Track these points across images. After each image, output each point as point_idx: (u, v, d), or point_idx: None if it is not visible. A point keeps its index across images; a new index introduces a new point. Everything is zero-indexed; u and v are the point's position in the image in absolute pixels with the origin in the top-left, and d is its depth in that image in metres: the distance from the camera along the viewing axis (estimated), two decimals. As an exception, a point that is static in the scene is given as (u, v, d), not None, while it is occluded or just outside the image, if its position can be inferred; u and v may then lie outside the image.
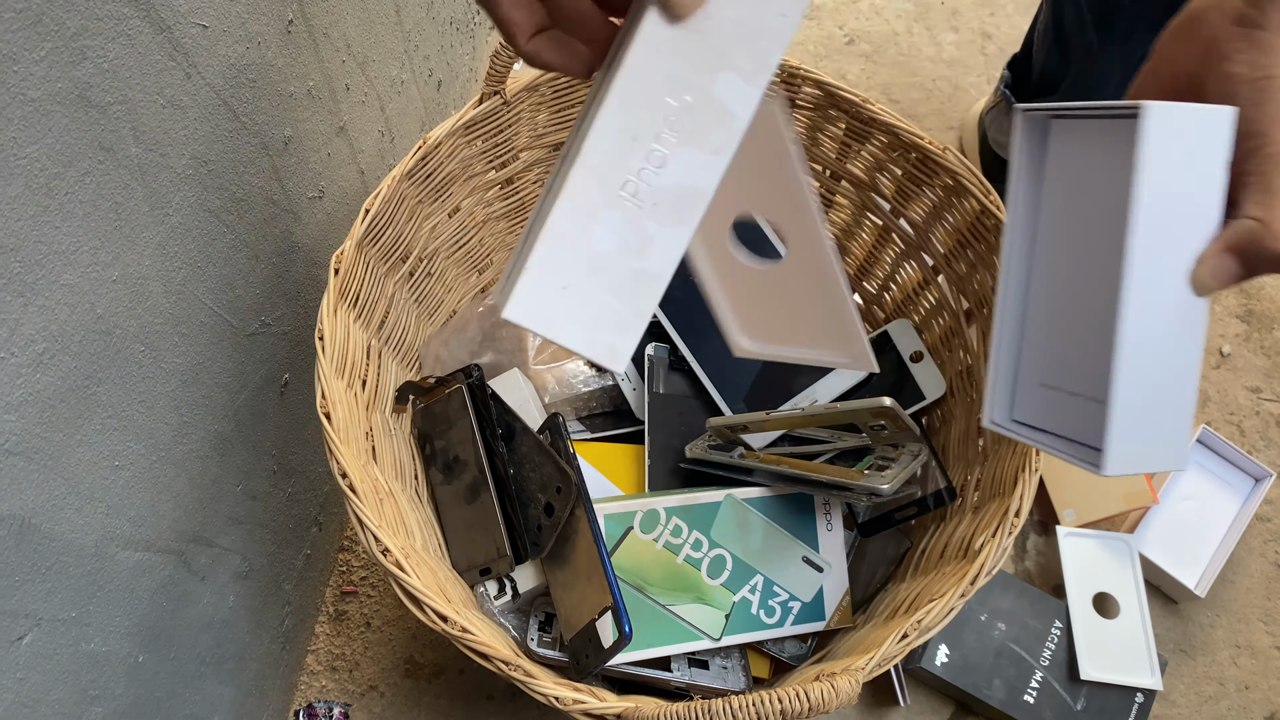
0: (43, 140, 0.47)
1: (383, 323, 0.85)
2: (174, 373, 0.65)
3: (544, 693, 0.62)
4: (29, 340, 0.49)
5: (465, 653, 0.64)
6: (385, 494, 0.73)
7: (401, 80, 0.96)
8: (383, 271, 0.83)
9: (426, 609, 0.63)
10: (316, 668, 1.01)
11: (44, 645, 0.56)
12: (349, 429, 0.71)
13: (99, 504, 0.58)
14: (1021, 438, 0.54)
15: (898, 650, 0.62)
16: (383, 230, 0.80)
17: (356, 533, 0.65)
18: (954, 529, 0.78)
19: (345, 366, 0.75)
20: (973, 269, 0.83)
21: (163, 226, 0.60)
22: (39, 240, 0.49)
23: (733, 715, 0.57)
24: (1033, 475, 0.68)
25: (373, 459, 0.76)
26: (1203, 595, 1.03)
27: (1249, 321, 1.23)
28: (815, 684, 0.57)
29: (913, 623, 0.63)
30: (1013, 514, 0.67)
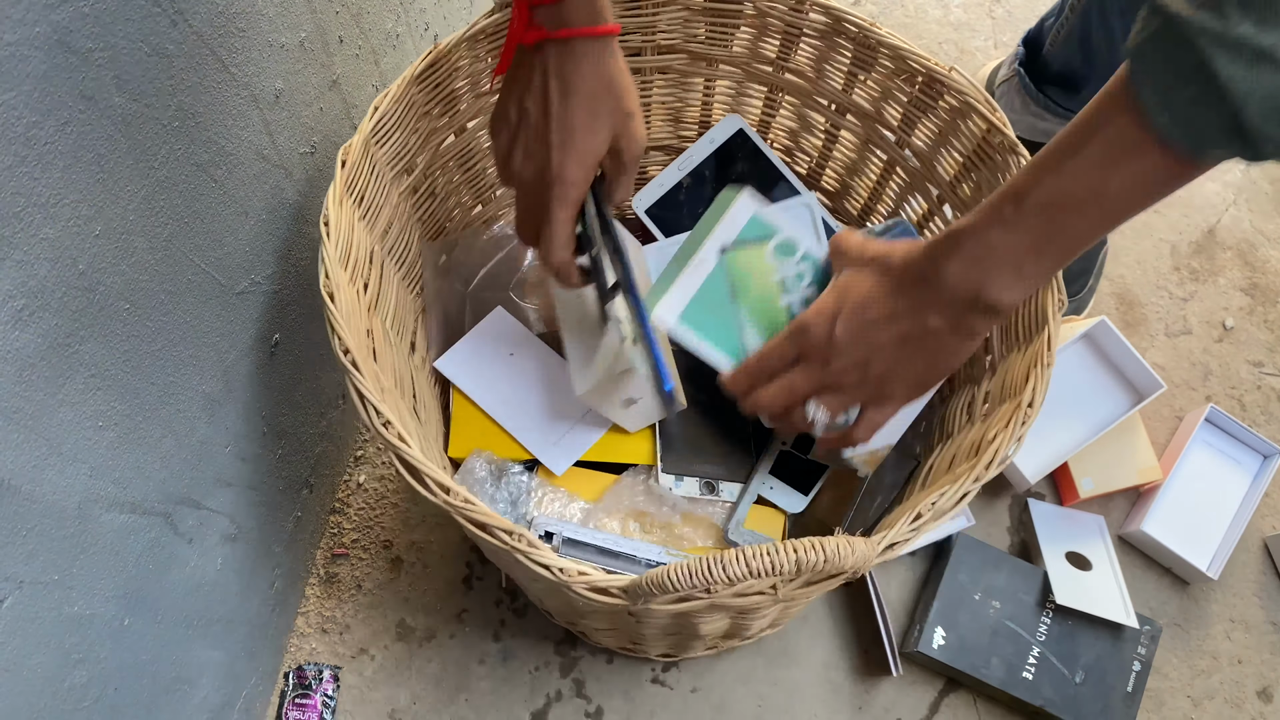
0: (19, 87, 0.45)
1: (386, 232, 0.82)
2: (160, 331, 0.63)
3: (546, 564, 0.60)
4: (7, 296, 0.48)
5: (464, 525, 0.62)
6: (387, 389, 0.72)
7: (396, 34, 0.93)
8: (388, 177, 0.81)
9: (427, 479, 0.61)
10: (307, 630, 1.00)
11: (25, 609, 0.54)
12: (351, 318, 0.69)
13: (82, 465, 0.57)
14: None
15: (909, 531, 0.61)
16: (390, 132, 0.78)
17: (357, 407, 0.63)
18: (964, 438, 0.76)
19: (349, 261, 0.72)
20: (978, 191, 0.82)
21: (148, 180, 0.58)
22: (16, 191, 0.47)
23: (746, 564, 0.55)
24: (1045, 370, 0.67)
25: (373, 358, 0.73)
26: (1215, 577, 1.03)
27: (1253, 295, 1.22)
28: (832, 539, 0.56)
29: (926, 503, 0.62)
30: (1025, 405, 0.66)
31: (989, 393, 0.78)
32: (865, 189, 0.96)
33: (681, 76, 0.92)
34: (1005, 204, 0.57)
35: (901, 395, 0.68)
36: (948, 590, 0.99)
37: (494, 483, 0.85)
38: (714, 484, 0.88)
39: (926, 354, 0.65)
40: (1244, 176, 1.29)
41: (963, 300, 0.60)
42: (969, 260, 0.59)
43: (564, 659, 1.00)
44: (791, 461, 0.90)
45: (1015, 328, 0.77)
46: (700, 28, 0.88)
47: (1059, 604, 0.97)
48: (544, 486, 0.86)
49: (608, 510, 0.86)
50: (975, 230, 0.59)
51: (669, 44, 0.89)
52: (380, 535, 1.05)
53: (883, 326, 0.65)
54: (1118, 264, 1.22)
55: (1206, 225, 1.26)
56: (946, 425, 0.83)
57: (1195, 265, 1.23)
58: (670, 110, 0.96)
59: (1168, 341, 1.19)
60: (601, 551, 0.80)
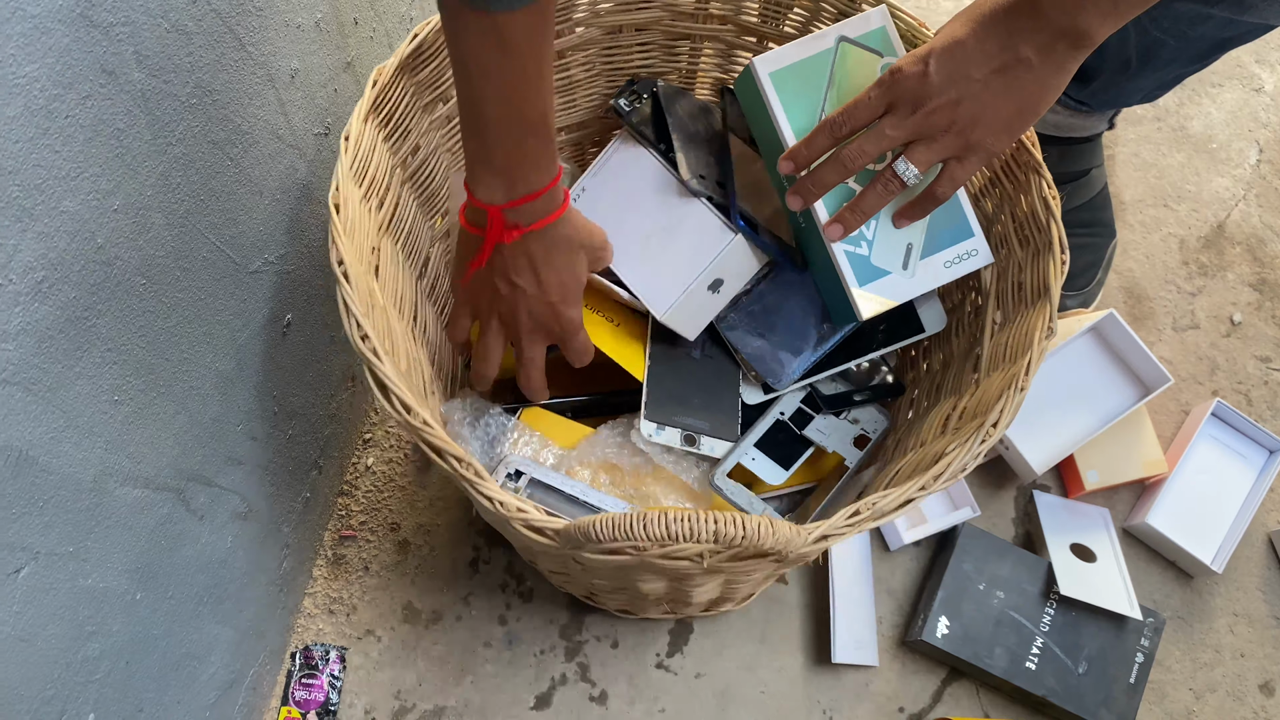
0: (43, 59, 0.46)
1: (411, 156, 0.82)
2: (175, 308, 0.63)
3: (489, 495, 0.61)
4: (28, 267, 0.48)
5: (422, 447, 0.63)
6: (379, 306, 0.72)
7: (410, 17, 0.93)
8: (421, 104, 0.81)
9: (393, 396, 0.62)
10: (314, 611, 1.01)
11: (41, 579, 0.55)
12: (355, 232, 0.69)
13: (98, 438, 0.57)
14: None
15: (844, 527, 0.61)
16: (428, 60, 0.78)
17: (344, 323, 0.64)
18: (930, 449, 0.77)
19: (365, 176, 0.73)
20: (999, 207, 0.82)
21: (165, 156, 0.58)
22: (38, 164, 0.47)
23: (666, 525, 0.57)
24: (1017, 394, 0.67)
25: (374, 275, 0.74)
26: (1220, 571, 1.03)
27: (1261, 290, 1.22)
28: (755, 517, 0.57)
29: (866, 503, 0.62)
30: (989, 425, 0.66)
31: (965, 409, 0.78)
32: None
33: (729, 48, 0.93)
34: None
35: (989, 143, 0.71)
36: (952, 580, 0.99)
37: (472, 423, 0.85)
38: (695, 437, 0.88)
39: (1016, 91, 0.68)
40: (1254, 172, 1.29)
41: (1057, 28, 0.64)
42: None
43: (569, 643, 1.01)
44: (781, 435, 0.91)
45: (1004, 348, 0.77)
46: (754, 4, 0.88)
47: (1063, 595, 0.98)
48: (522, 429, 0.87)
49: (581, 459, 0.86)
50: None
51: (720, 14, 0.89)
52: (388, 518, 1.05)
53: (976, 62, 0.67)
54: (1126, 258, 1.23)
55: (1216, 220, 1.26)
56: (922, 434, 0.83)
57: (1204, 260, 1.23)
58: (715, 80, 0.96)
59: (1175, 335, 1.19)
60: (566, 498, 0.80)
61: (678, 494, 0.86)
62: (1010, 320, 0.79)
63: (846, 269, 0.82)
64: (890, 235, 0.82)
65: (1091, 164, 1.16)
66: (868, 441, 0.91)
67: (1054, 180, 1.15)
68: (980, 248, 0.83)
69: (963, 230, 0.84)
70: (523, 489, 0.79)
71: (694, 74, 0.95)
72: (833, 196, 0.80)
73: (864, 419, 0.92)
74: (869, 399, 0.93)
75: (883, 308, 0.82)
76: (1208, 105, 1.31)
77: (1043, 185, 0.76)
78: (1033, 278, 0.76)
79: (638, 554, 0.59)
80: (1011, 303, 0.80)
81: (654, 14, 0.88)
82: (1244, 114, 1.31)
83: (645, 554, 0.59)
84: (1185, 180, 1.27)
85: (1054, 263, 0.73)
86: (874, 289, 0.82)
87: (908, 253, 0.83)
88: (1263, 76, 1.33)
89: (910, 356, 0.98)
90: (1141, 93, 1.05)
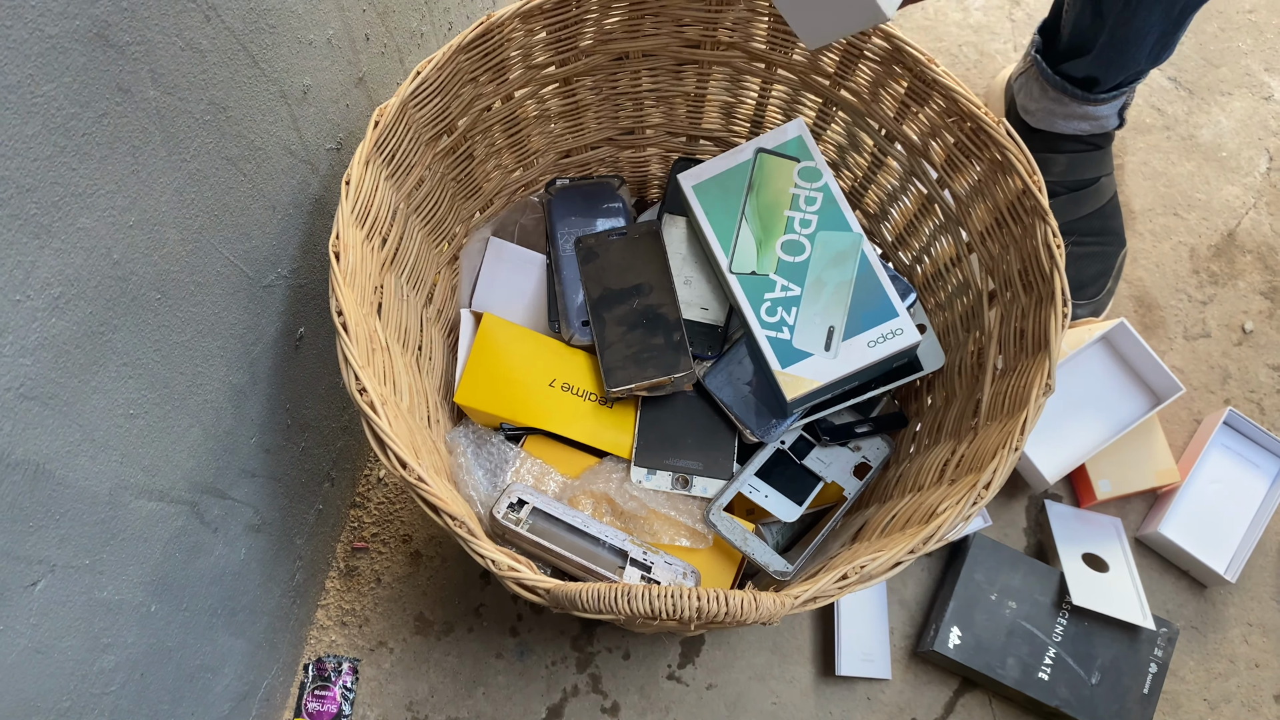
0: (60, 79, 0.46)
1: (415, 189, 0.83)
2: (189, 322, 0.64)
3: (483, 554, 0.62)
4: (45, 283, 0.49)
5: (419, 503, 0.64)
6: (381, 348, 0.73)
7: (421, 32, 0.94)
8: (424, 138, 0.82)
9: (390, 452, 0.63)
10: (327, 622, 1.01)
11: (57, 592, 0.55)
12: (356, 275, 0.71)
13: (113, 452, 0.58)
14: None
15: (833, 590, 0.62)
16: (430, 97, 0.79)
17: (343, 374, 0.65)
18: (926, 498, 0.77)
19: (367, 217, 0.74)
20: (1004, 250, 0.82)
21: (180, 172, 0.59)
22: (55, 181, 0.48)
23: (650, 602, 0.57)
24: (1011, 454, 0.67)
25: (376, 314, 0.75)
26: (1233, 580, 1.02)
27: (1273, 298, 1.21)
28: (739, 593, 0.58)
29: (855, 566, 0.63)
30: (980, 487, 0.66)
31: (963, 457, 0.78)
32: (902, 218, 0.96)
33: (738, 74, 0.93)
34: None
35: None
36: (964, 590, 0.99)
37: (475, 450, 0.86)
38: (688, 479, 0.89)
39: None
40: (1264, 180, 1.28)
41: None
42: None
43: (580, 654, 1.01)
44: (786, 467, 0.90)
45: (1004, 398, 0.77)
46: (763, 31, 0.88)
47: (1075, 605, 0.97)
48: (525, 457, 0.87)
49: (584, 489, 0.87)
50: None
51: (729, 41, 0.89)
52: (400, 530, 1.05)
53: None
54: (1136, 267, 1.22)
55: (1226, 229, 1.25)
56: (920, 477, 0.83)
57: (1214, 268, 1.23)
58: (723, 104, 0.96)
59: (1186, 344, 1.19)
60: (568, 528, 0.81)
61: (676, 529, 0.87)
62: (1011, 368, 0.79)
63: (769, 352, 0.86)
64: (812, 319, 0.86)
65: (1100, 172, 1.16)
66: (868, 470, 0.91)
67: (1064, 188, 1.15)
68: (905, 327, 0.86)
69: (886, 311, 0.86)
70: (525, 518, 0.79)
71: (702, 98, 0.96)
72: (756, 290, 0.87)
73: (865, 446, 0.93)
74: (871, 431, 0.93)
75: (806, 389, 0.85)
76: (1217, 114, 1.31)
77: (1048, 232, 0.75)
78: (1034, 326, 0.76)
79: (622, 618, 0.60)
80: (1013, 349, 0.80)
81: (661, 40, 0.89)
82: (1253, 122, 1.31)
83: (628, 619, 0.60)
84: (1195, 189, 1.27)
85: (1055, 314, 0.72)
86: (797, 370, 0.85)
87: (829, 335, 0.86)
88: (1272, 85, 1.33)
89: (914, 388, 0.98)
90: (1150, 39, 1.00)
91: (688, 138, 1.01)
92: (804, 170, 0.90)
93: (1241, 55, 1.35)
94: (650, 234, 0.94)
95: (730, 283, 0.88)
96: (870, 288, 0.87)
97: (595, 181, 0.99)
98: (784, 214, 0.89)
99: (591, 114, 0.95)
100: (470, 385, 0.88)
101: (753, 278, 0.88)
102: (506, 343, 0.90)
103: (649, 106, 0.96)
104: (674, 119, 0.98)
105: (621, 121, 0.98)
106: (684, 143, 1.01)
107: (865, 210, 0.99)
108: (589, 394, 0.91)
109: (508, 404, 0.88)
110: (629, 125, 0.98)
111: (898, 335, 0.85)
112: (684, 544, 0.86)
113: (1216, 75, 1.33)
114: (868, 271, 0.87)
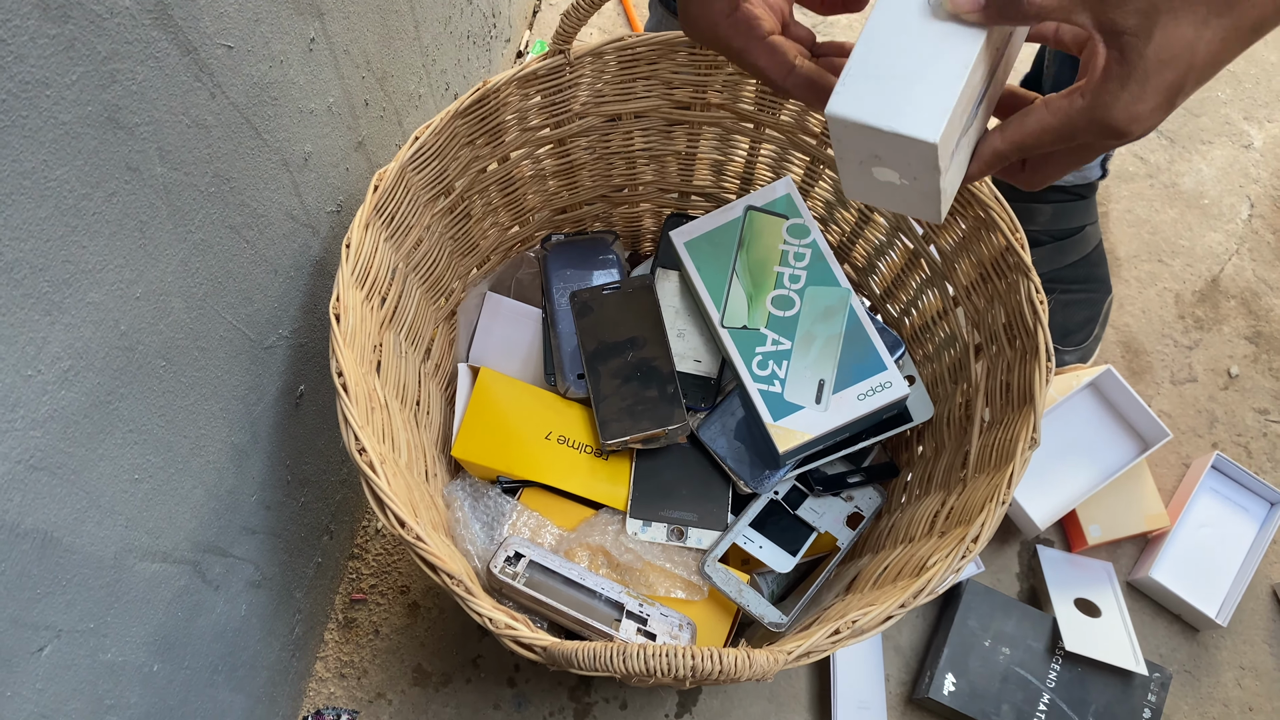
0: (72, 162, 0.48)
1: (414, 249, 0.85)
2: (193, 386, 0.65)
3: (480, 612, 0.63)
4: (55, 358, 0.50)
5: (417, 562, 0.65)
6: (380, 405, 0.74)
7: (419, 94, 0.97)
8: (423, 200, 0.84)
9: (389, 512, 0.64)
10: (325, 675, 1.02)
11: (63, 656, 0.56)
12: (356, 336, 0.72)
13: (118, 517, 0.59)
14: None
15: (826, 645, 0.63)
16: (429, 160, 0.81)
17: (343, 435, 0.66)
18: (916, 550, 0.78)
19: (366, 278, 0.76)
20: (989, 304, 0.84)
21: (185, 243, 0.60)
22: (67, 260, 0.49)
23: (645, 660, 0.58)
24: (998, 507, 0.69)
25: (375, 372, 0.77)
26: (1225, 624, 1.03)
27: (1257, 343, 1.23)
28: (732, 650, 0.58)
29: (847, 621, 0.64)
30: (969, 540, 0.67)
31: (953, 509, 0.79)
32: (890, 272, 0.98)
33: (727, 133, 0.95)
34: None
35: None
36: (958, 636, 1.00)
37: (473, 504, 0.87)
38: (683, 530, 0.90)
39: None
40: (1246, 226, 1.31)
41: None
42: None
43: (578, 705, 1.01)
44: (780, 517, 0.92)
45: (991, 450, 0.79)
46: (751, 93, 0.91)
47: (1068, 651, 0.98)
48: (521, 510, 0.88)
49: (580, 542, 0.88)
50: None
51: (719, 102, 0.92)
52: (397, 580, 1.06)
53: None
54: (1123, 312, 1.24)
55: (1210, 274, 1.28)
56: (912, 528, 0.85)
57: (1199, 314, 1.25)
58: (714, 162, 0.99)
59: (1173, 389, 1.20)
60: (566, 581, 0.82)
61: (672, 581, 0.88)
62: (998, 420, 0.80)
63: (761, 405, 0.87)
64: (802, 372, 0.88)
65: (1085, 221, 1.18)
66: (860, 520, 0.93)
67: (1049, 237, 1.17)
68: (894, 380, 0.87)
69: (875, 364, 0.88)
70: (522, 572, 0.81)
71: (693, 156, 0.98)
72: (747, 344, 0.89)
73: (858, 496, 0.94)
74: (863, 481, 0.95)
75: (798, 441, 0.86)
76: (1198, 162, 1.34)
77: (1031, 288, 0.76)
78: (1019, 380, 0.77)
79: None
80: (999, 402, 0.81)
81: (653, 102, 0.91)
82: (1234, 170, 1.34)
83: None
84: (1179, 236, 1.30)
85: (1039, 369, 0.74)
86: (789, 423, 0.87)
87: (820, 388, 0.87)
88: (1251, 133, 1.36)
89: (904, 438, 1.00)
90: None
91: (679, 194, 1.03)
92: (793, 227, 0.93)
93: (1221, 105, 1.38)
94: (644, 288, 0.96)
95: (722, 337, 0.90)
96: (859, 341, 0.88)
97: (590, 237, 1.01)
98: (774, 269, 0.91)
99: (586, 172, 0.98)
100: (467, 439, 0.89)
101: (744, 332, 0.90)
102: (503, 396, 0.92)
103: (641, 165, 0.99)
104: (666, 176, 1.01)
105: (614, 179, 1.00)
106: (676, 199, 1.04)
107: (853, 264, 1.01)
108: (585, 446, 0.92)
109: (504, 457, 0.89)
110: (622, 183, 1.01)
111: (887, 388, 0.87)
112: (680, 595, 0.87)
113: (1197, 124, 1.36)
114: (856, 326, 0.89)
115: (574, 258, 0.99)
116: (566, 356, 0.95)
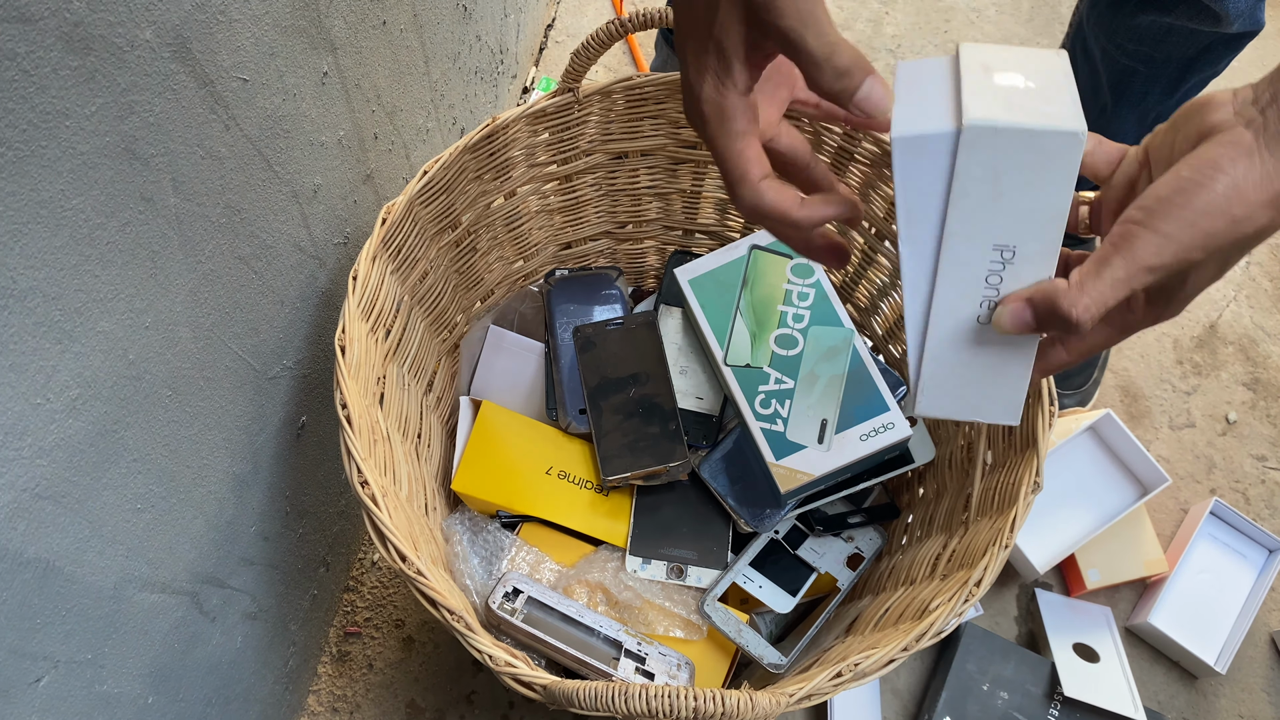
0: (89, 192, 0.48)
1: (420, 281, 0.86)
2: (197, 416, 0.65)
3: (480, 649, 0.63)
4: (64, 386, 0.50)
5: (417, 597, 0.64)
6: (382, 438, 0.74)
7: (427, 129, 0.97)
8: (430, 234, 0.84)
9: (390, 545, 0.64)
10: (318, 709, 1.01)
11: (60, 687, 0.56)
12: (360, 368, 0.72)
13: (120, 547, 0.59)
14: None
15: (828, 688, 0.63)
16: (436, 195, 0.82)
17: (346, 467, 0.66)
18: (919, 592, 0.78)
19: (372, 311, 0.76)
20: None
21: (195, 273, 0.61)
22: (79, 288, 0.50)
23: (647, 701, 0.58)
24: (1001, 551, 0.69)
25: (379, 404, 0.77)
26: (1224, 671, 1.03)
27: (1255, 389, 1.24)
28: (734, 692, 0.58)
29: (849, 664, 0.63)
30: (972, 584, 0.67)
31: (954, 552, 0.79)
32: (892, 313, 0.99)
33: None
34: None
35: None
36: (956, 680, 0.99)
37: (471, 538, 0.86)
38: (683, 569, 0.89)
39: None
40: (1244, 273, 1.32)
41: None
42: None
43: (573, 743, 1.00)
44: (780, 557, 0.91)
45: (993, 494, 0.79)
46: None
47: (1067, 696, 0.98)
48: (520, 544, 0.88)
49: (579, 578, 0.87)
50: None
51: None
52: (392, 614, 1.06)
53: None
54: (1121, 357, 1.25)
55: (1208, 320, 1.28)
56: (913, 571, 0.84)
57: (1198, 359, 1.26)
58: (718, 200, 0.99)
59: (1172, 434, 1.21)
60: (563, 618, 0.81)
61: (671, 620, 0.87)
62: (1000, 463, 0.81)
63: (763, 444, 0.87)
64: (805, 411, 0.88)
65: (1084, 266, 1.19)
66: (861, 561, 0.93)
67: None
68: (896, 421, 0.87)
69: (877, 405, 0.88)
70: (520, 608, 0.80)
71: (698, 194, 0.99)
72: (750, 382, 0.89)
73: (858, 537, 0.94)
74: (864, 522, 0.94)
75: (800, 481, 0.86)
76: (1197, 208, 1.35)
77: None
78: (1023, 424, 0.77)
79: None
80: (1002, 445, 0.81)
81: (658, 140, 0.92)
82: (1232, 217, 1.35)
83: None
84: (1177, 281, 1.30)
85: (1042, 412, 0.74)
86: (791, 462, 0.86)
87: (823, 428, 0.87)
88: (1249, 181, 1.37)
89: (906, 479, 1.00)
90: (1128, 140, 1.04)
91: (684, 231, 1.04)
92: (796, 267, 0.93)
93: (1219, 152, 1.39)
94: (647, 324, 0.96)
95: (725, 375, 0.90)
96: (862, 382, 0.89)
97: (594, 272, 1.01)
98: (777, 309, 0.92)
99: (591, 208, 0.98)
100: (467, 473, 0.89)
101: (747, 370, 0.90)
102: (504, 430, 0.92)
103: (646, 202, 0.99)
104: (670, 213, 1.01)
105: (620, 216, 1.01)
106: (680, 236, 1.04)
107: (856, 304, 1.02)
108: (585, 482, 0.92)
109: (504, 491, 0.89)
110: (626, 219, 1.01)
111: (889, 429, 0.87)
112: (678, 635, 0.86)
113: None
114: (859, 366, 0.89)
115: (577, 293, 1.00)
116: (568, 391, 0.95)
